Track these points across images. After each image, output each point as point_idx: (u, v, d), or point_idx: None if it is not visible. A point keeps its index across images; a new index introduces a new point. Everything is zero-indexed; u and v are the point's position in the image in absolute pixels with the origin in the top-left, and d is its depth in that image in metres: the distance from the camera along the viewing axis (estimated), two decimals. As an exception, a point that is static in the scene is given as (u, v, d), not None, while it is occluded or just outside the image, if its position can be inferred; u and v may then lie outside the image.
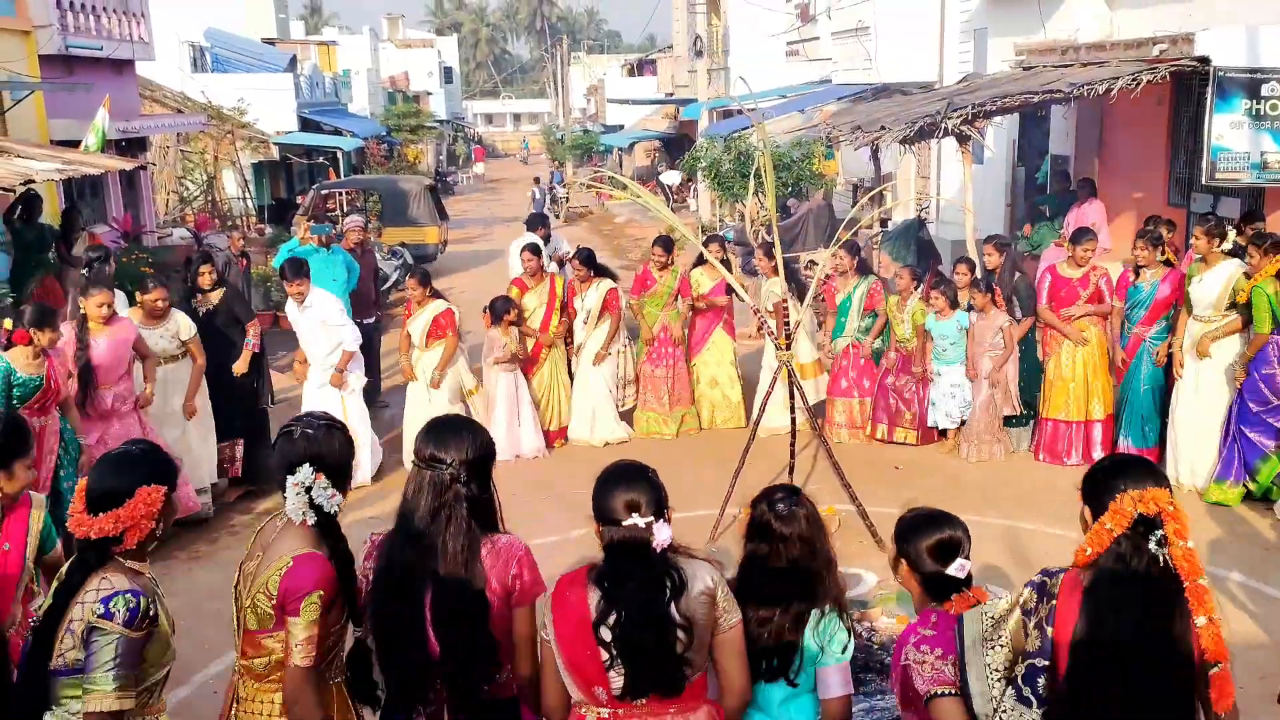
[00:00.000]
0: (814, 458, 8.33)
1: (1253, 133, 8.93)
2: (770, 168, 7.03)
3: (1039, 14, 13.27)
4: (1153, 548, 2.65)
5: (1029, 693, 2.79)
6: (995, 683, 2.87)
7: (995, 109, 10.33)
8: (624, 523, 2.93)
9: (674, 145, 35.12)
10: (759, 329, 8.21)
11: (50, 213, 11.89)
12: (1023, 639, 2.85)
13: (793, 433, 7.15)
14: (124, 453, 3.15)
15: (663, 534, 2.94)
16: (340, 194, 22.83)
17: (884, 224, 15.42)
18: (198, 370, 7.52)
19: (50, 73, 13.13)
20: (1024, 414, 8.57)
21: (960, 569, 3.03)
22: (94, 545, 2.97)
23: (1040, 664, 2.78)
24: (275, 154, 24.92)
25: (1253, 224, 8.76)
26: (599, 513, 3.01)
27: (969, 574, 3.07)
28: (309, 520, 3.05)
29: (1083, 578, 2.76)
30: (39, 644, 2.95)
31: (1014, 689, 2.83)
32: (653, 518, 2.94)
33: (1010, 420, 8.58)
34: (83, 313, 6.86)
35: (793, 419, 7.09)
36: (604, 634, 2.92)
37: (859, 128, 12.00)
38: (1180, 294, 7.77)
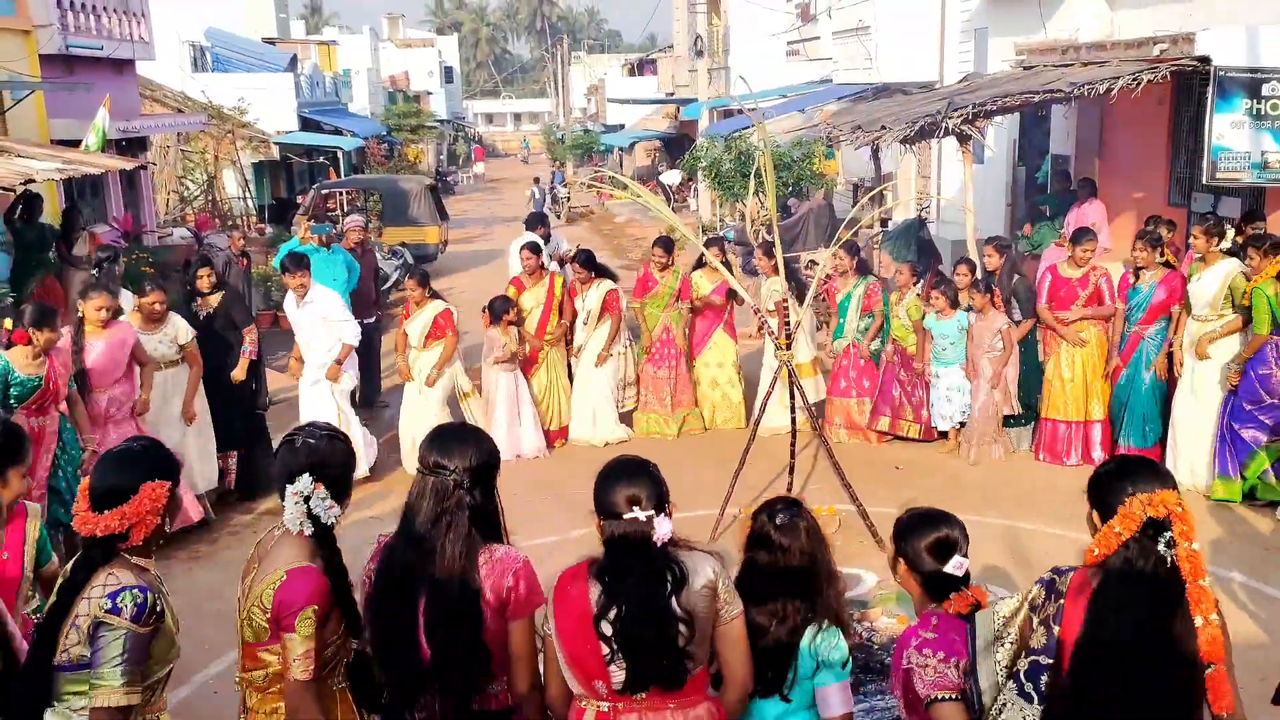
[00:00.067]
0: (814, 458, 8.33)
1: (1253, 132, 8.93)
2: (770, 167, 7.02)
3: (1039, 14, 13.27)
4: (1161, 549, 2.67)
5: (1031, 689, 2.81)
6: (1003, 678, 2.89)
7: (995, 109, 10.32)
8: (625, 516, 2.94)
9: (674, 145, 35.13)
10: (759, 329, 8.21)
11: (50, 212, 11.89)
12: (1028, 634, 2.88)
13: (793, 433, 7.15)
14: (126, 449, 3.15)
15: (664, 528, 2.95)
16: (340, 194, 22.84)
17: (884, 224, 15.41)
18: (195, 375, 7.49)
19: (50, 72, 13.13)
20: (1023, 414, 8.57)
21: (958, 567, 3.04)
22: (100, 543, 2.97)
23: (1044, 661, 2.80)
24: (275, 154, 24.91)
25: (1253, 224, 8.76)
26: (600, 507, 3.01)
27: (967, 572, 3.08)
28: (306, 531, 3.04)
29: (1091, 578, 2.77)
30: (42, 640, 2.95)
31: (1016, 683, 2.85)
32: (654, 511, 2.95)
33: (1009, 420, 8.58)
34: (80, 315, 6.78)
35: (793, 419, 7.09)
36: (604, 629, 2.93)
37: (859, 127, 12.00)
38: (1177, 297, 7.77)
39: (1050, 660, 2.78)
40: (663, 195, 27.12)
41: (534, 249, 9.38)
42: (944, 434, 8.80)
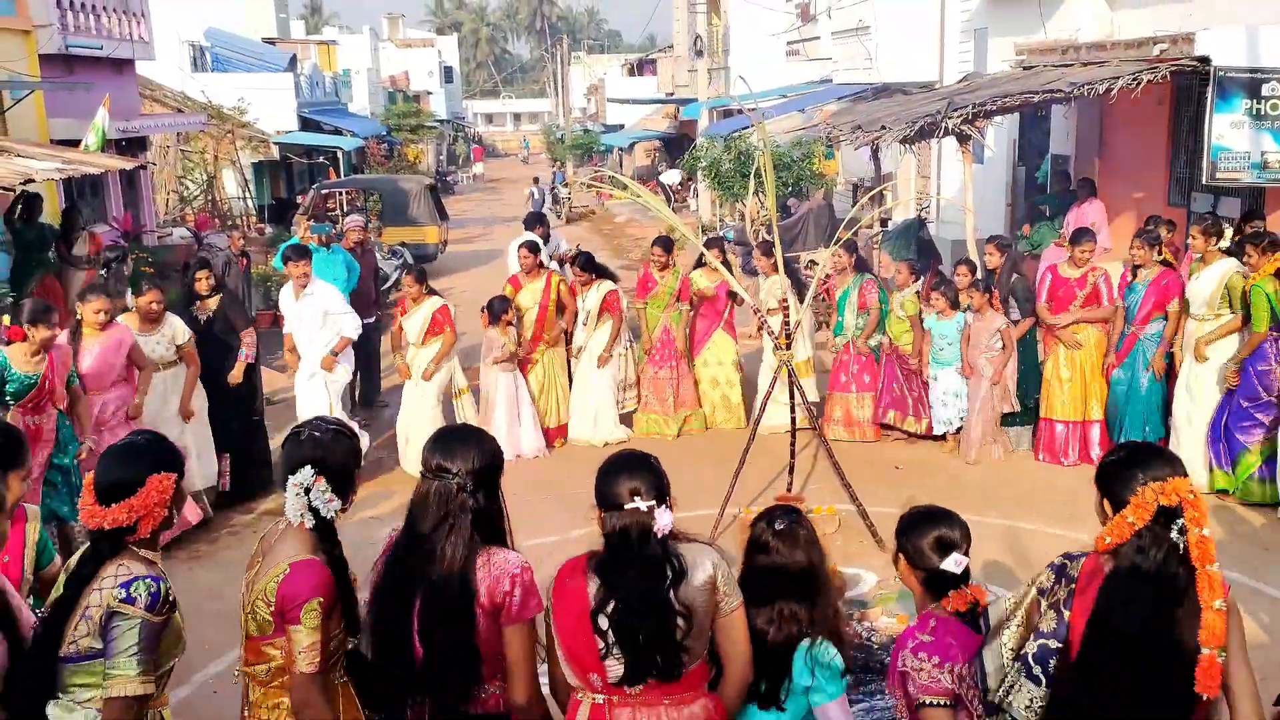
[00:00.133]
0: (814, 458, 8.33)
1: (1253, 132, 8.94)
2: (770, 167, 7.02)
3: (1039, 14, 13.27)
4: (1174, 536, 2.70)
5: (1039, 672, 2.83)
6: (1008, 660, 2.92)
7: (995, 109, 10.33)
8: (626, 507, 2.95)
9: (674, 145, 35.12)
10: (759, 329, 8.21)
11: (50, 212, 11.90)
12: (1035, 617, 2.90)
13: (793, 432, 7.15)
14: (130, 443, 3.16)
15: (664, 519, 2.96)
16: (340, 194, 22.84)
17: (884, 224, 15.41)
18: (193, 374, 7.48)
19: (50, 72, 13.13)
20: (1023, 413, 8.57)
21: (956, 564, 3.05)
22: (107, 536, 2.98)
23: (1054, 646, 2.82)
24: (275, 154, 24.92)
25: (1251, 223, 8.77)
26: (601, 499, 3.02)
27: (967, 571, 3.08)
28: (307, 523, 3.05)
29: (1104, 564, 2.80)
30: (47, 633, 2.94)
31: (1024, 666, 2.87)
32: (655, 502, 2.96)
33: (1008, 418, 8.58)
34: (77, 318, 6.74)
35: (793, 419, 7.09)
36: (601, 623, 2.94)
37: (859, 127, 12.01)
38: (1171, 294, 7.77)
39: (1060, 645, 2.80)
40: (663, 195, 27.12)
41: (531, 248, 9.38)
42: (941, 436, 8.80)
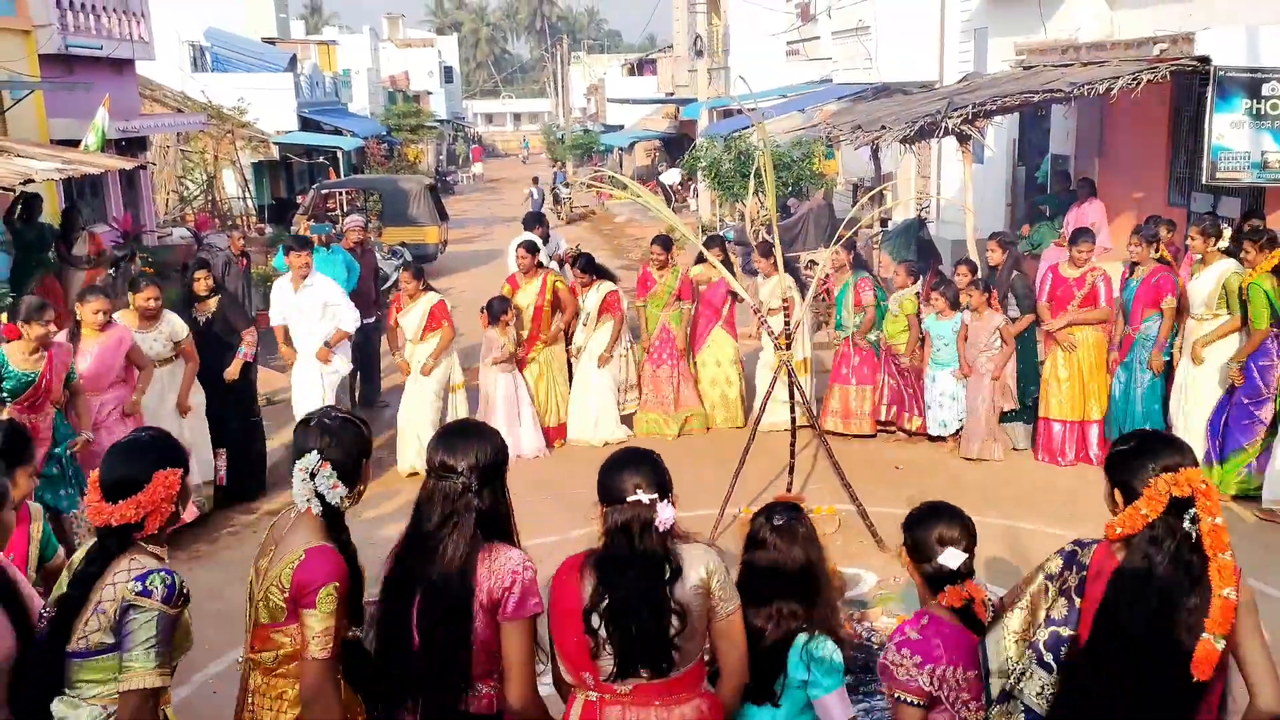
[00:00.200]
0: (814, 457, 8.33)
1: (1253, 132, 8.94)
2: (770, 167, 7.02)
3: (1039, 14, 13.27)
4: (1186, 525, 2.71)
5: (1051, 659, 2.85)
6: (1011, 644, 2.93)
7: (995, 109, 10.33)
8: (629, 500, 2.95)
9: (674, 145, 35.11)
10: (759, 328, 8.21)
11: (50, 212, 11.90)
12: (1042, 603, 2.91)
13: (793, 432, 7.15)
14: (134, 440, 3.17)
15: (666, 513, 2.96)
16: (340, 194, 22.85)
17: (884, 224, 15.42)
18: (191, 369, 7.51)
19: (50, 72, 13.13)
20: (1023, 411, 8.58)
21: (952, 559, 3.05)
22: (115, 532, 2.98)
23: (1065, 633, 2.83)
24: (275, 154, 24.91)
25: (1250, 221, 8.76)
26: (603, 494, 3.03)
27: (967, 567, 3.09)
28: (314, 509, 3.06)
29: (1115, 553, 2.80)
30: (55, 630, 2.94)
31: (1035, 653, 2.88)
32: (656, 496, 2.96)
33: (1007, 416, 8.59)
34: (76, 318, 6.73)
35: (793, 419, 7.09)
36: (593, 621, 2.95)
37: (859, 127, 12.01)
38: (1162, 293, 7.78)
39: (1071, 632, 2.82)
40: (662, 195, 27.13)
41: (529, 248, 9.38)
42: (939, 438, 8.80)
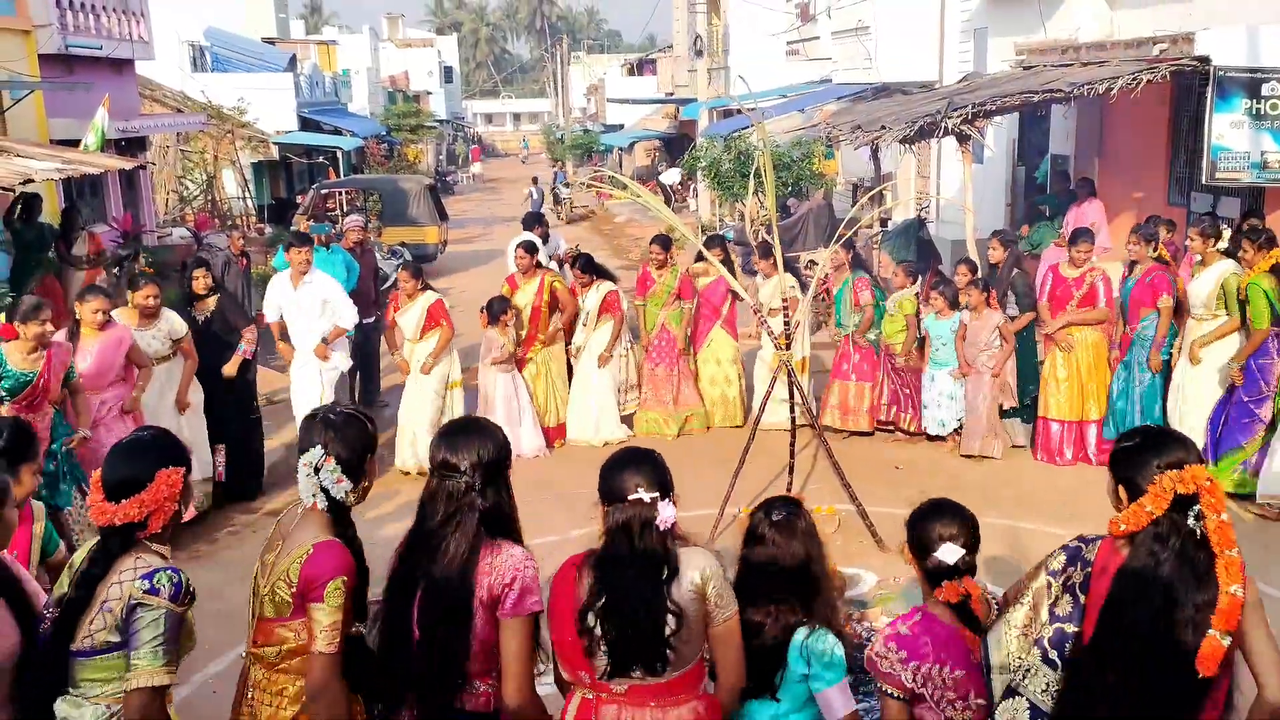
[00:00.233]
0: (814, 457, 8.33)
1: (1253, 132, 8.94)
2: (770, 167, 7.02)
3: (1039, 13, 13.27)
4: (1191, 522, 2.71)
5: (1055, 656, 2.85)
6: (1014, 640, 2.94)
7: (995, 108, 10.33)
8: (630, 498, 2.96)
9: (674, 145, 35.11)
10: (758, 327, 8.21)
11: (50, 212, 11.90)
12: (1044, 599, 2.91)
13: (793, 432, 7.15)
14: (136, 439, 3.17)
15: (667, 511, 2.97)
16: (340, 193, 22.85)
17: (884, 224, 15.42)
18: (190, 367, 7.52)
19: (50, 72, 13.13)
20: (1023, 408, 8.58)
21: (948, 554, 3.06)
22: (118, 532, 2.98)
23: (1070, 630, 2.83)
24: (275, 153, 24.92)
25: (1249, 220, 8.77)
26: (605, 492, 3.03)
27: (966, 565, 3.09)
28: (319, 504, 3.07)
29: (1120, 549, 2.80)
30: (59, 631, 2.93)
31: (1040, 650, 2.88)
32: (658, 495, 2.97)
33: (1005, 413, 8.59)
34: (76, 318, 6.73)
35: (792, 419, 7.09)
36: (589, 619, 2.95)
37: (859, 127, 12.01)
38: (1158, 291, 7.79)
39: (1076, 629, 2.82)
40: (662, 195, 27.13)
41: (528, 248, 9.37)
42: (939, 438, 8.80)
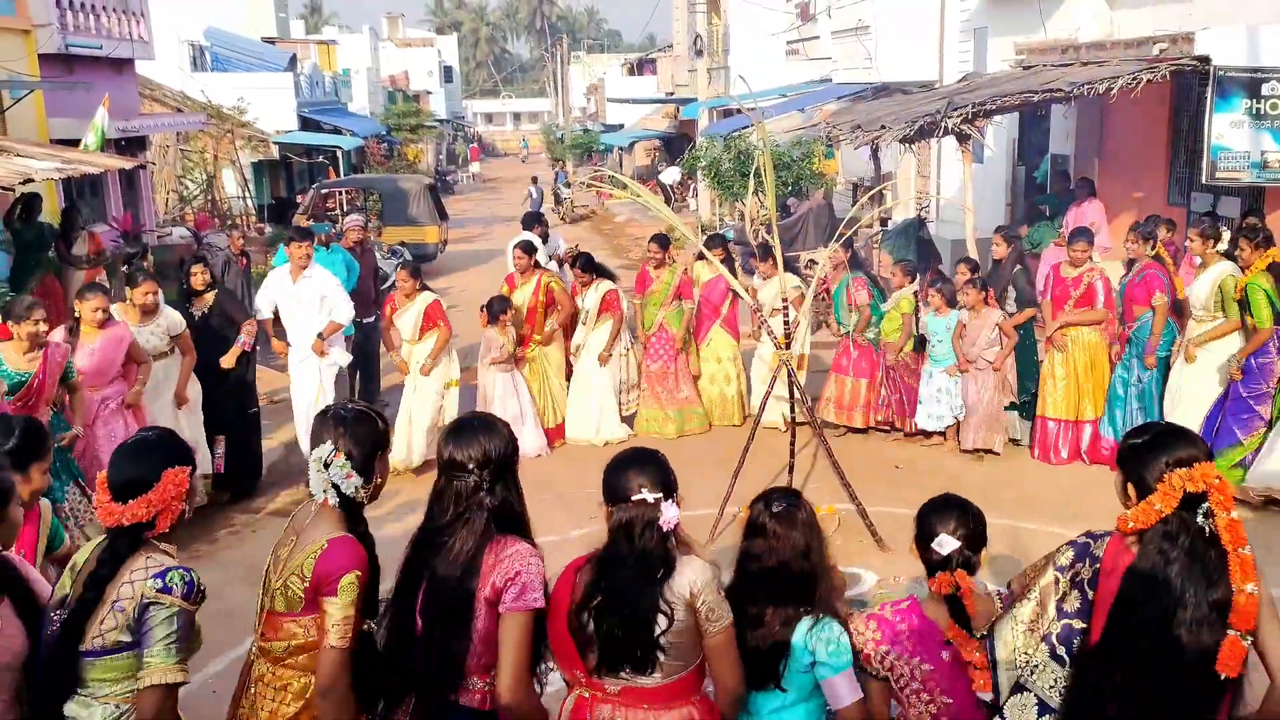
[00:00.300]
0: (814, 457, 8.33)
1: (1253, 132, 8.94)
2: (770, 167, 7.03)
3: (1039, 13, 13.27)
4: (1200, 520, 2.71)
5: (1063, 652, 2.85)
6: (1020, 634, 2.94)
7: (995, 108, 10.34)
8: (633, 498, 2.97)
9: (674, 144, 35.12)
10: (758, 327, 8.22)
11: (50, 212, 11.90)
12: (1051, 595, 2.91)
13: (792, 432, 7.16)
14: (141, 440, 3.18)
15: (670, 512, 2.98)
16: (340, 193, 22.86)
17: (884, 223, 15.42)
18: (188, 362, 7.54)
19: (50, 72, 13.13)
20: (1024, 405, 8.58)
21: (940, 545, 3.10)
22: (126, 532, 2.99)
23: (1079, 626, 2.83)
24: (275, 153, 24.92)
25: (1248, 219, 8.77)
26: (609, 493, 3.05)
27: (964, 559, 3.11)
28: (331, 500, 3.08)
29: (1130, 546, 2.80)
30: (67, 630, 2.93)
31: (1048, 646, 2.88)
32: (661, 495, 2.98)
33: (1008, 407, 8.59)
34: (76, 316, 6.74)
35: (792, 419, 7.09)
36: (582, 618, 2.97)
37: (859, 127, 12.02)
38: (1152, 289, 7.79)
39: (1085, 625, 2.82)
40: (662, 195, 27.13)
41: (526, 248, 9.37)
42: (936, 433, 8.80)
